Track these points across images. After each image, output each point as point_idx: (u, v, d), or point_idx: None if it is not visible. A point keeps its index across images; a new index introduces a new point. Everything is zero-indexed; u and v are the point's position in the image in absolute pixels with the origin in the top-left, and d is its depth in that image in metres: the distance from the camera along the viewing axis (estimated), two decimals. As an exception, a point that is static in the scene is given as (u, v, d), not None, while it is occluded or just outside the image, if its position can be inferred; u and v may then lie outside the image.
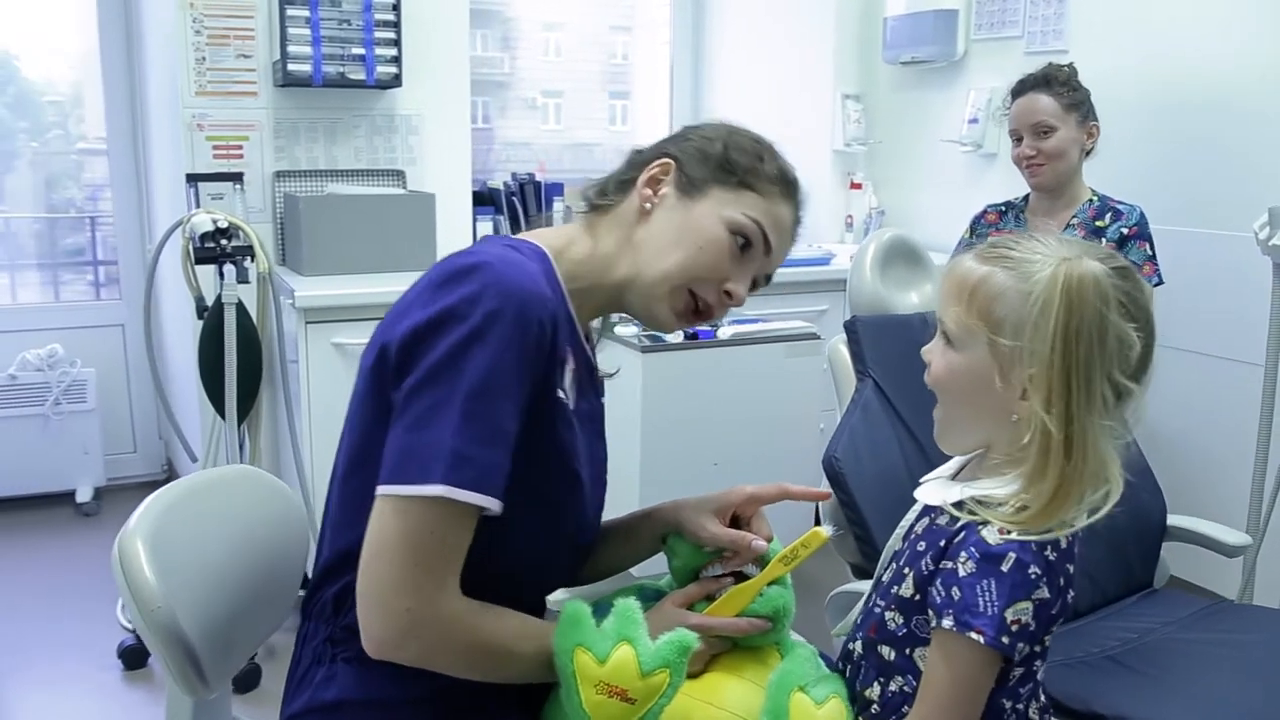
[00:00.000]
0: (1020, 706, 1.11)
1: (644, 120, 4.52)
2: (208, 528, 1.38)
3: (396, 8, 3.09)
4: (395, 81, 3.14)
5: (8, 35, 3.74)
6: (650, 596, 1.32)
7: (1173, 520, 1.97)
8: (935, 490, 1.16)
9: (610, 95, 4.53)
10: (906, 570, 1.13)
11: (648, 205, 1.24)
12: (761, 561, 1.31)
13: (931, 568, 1.09)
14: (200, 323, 2.67)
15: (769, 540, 1.28)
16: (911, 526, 1.19)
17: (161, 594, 1.21)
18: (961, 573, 1.04)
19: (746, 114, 4.15)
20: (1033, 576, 1.01)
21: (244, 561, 1.40)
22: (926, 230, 3.69)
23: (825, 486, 1.83)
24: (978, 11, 3.51)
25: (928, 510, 1.17)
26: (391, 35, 3.10)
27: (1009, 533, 1.03)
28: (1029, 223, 2.63)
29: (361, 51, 3.07)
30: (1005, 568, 1.02)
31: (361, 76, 3.09)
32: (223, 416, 2.66)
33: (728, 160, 1.23)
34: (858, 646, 1.19)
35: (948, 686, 1.05)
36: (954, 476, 1.18)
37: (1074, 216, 2.56)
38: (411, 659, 1.08)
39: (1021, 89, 2.54)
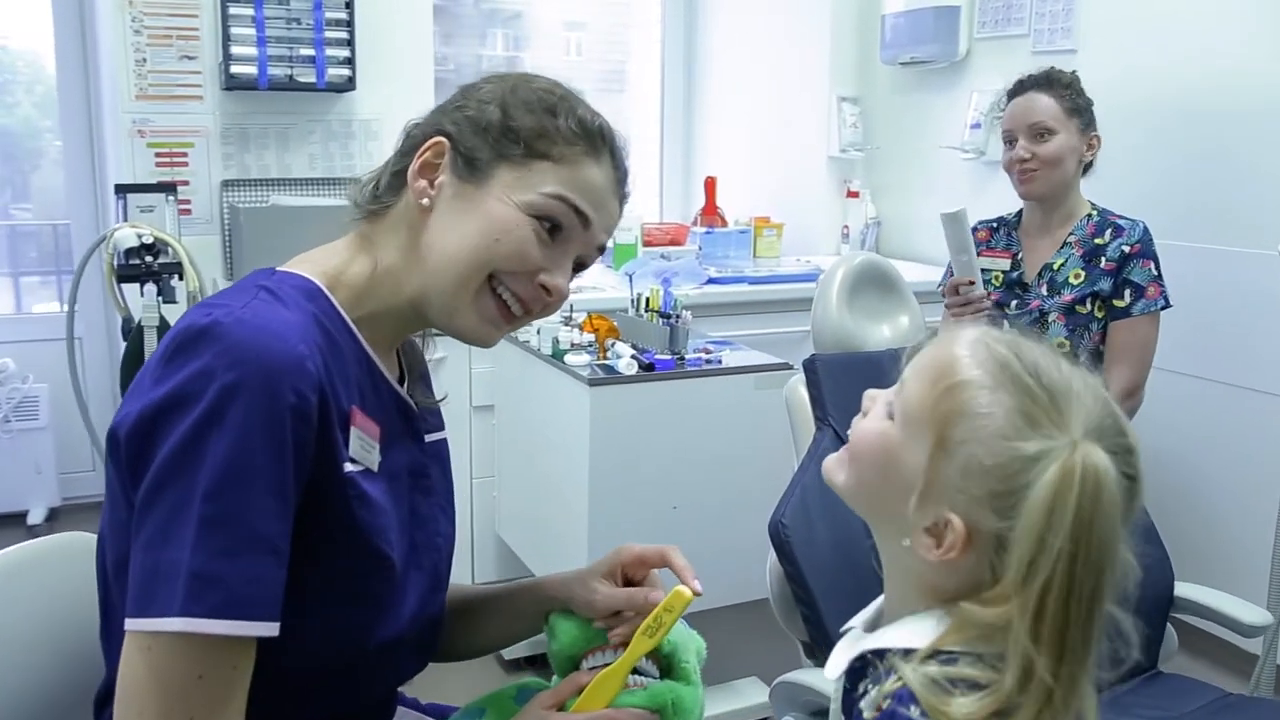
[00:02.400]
0: None
1: (636, 124, 4.31)
2: (15, 618, 1.17)
3: (349, 6, 2.89)
4: (349, 84, 2.94)
5: (35, 34, 3.58)
6: (529, 697, 1.12)
7: (1181, 590, 1.72)
8: (841, 652, 0.93)
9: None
10: None
11: (425, 200, 1.00)
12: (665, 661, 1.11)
13: None
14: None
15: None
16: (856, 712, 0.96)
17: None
18: None
19: (739, 116, 3.95)
20: None
21: (62, 658, 1.19)
22: (926, 243, 3.46)
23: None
24: (981, 8, 3.27)
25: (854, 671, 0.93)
26: (344, 35, 2.90)
27: (888, 700, 0.80)
28: (1022, 241, 2.39)
29: (311, 52, 2.87)
30: None
31: (311, 79, 2.88)
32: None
33: (508, 128, 1.00)
34: None
35: None
36: (873, 627, 0.94)
37: (1071, 234, 2.32)
38: None
39: (1020, 89, 2.31)
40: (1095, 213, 2.33)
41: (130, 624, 0.85)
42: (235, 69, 2.80)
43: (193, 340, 0.87)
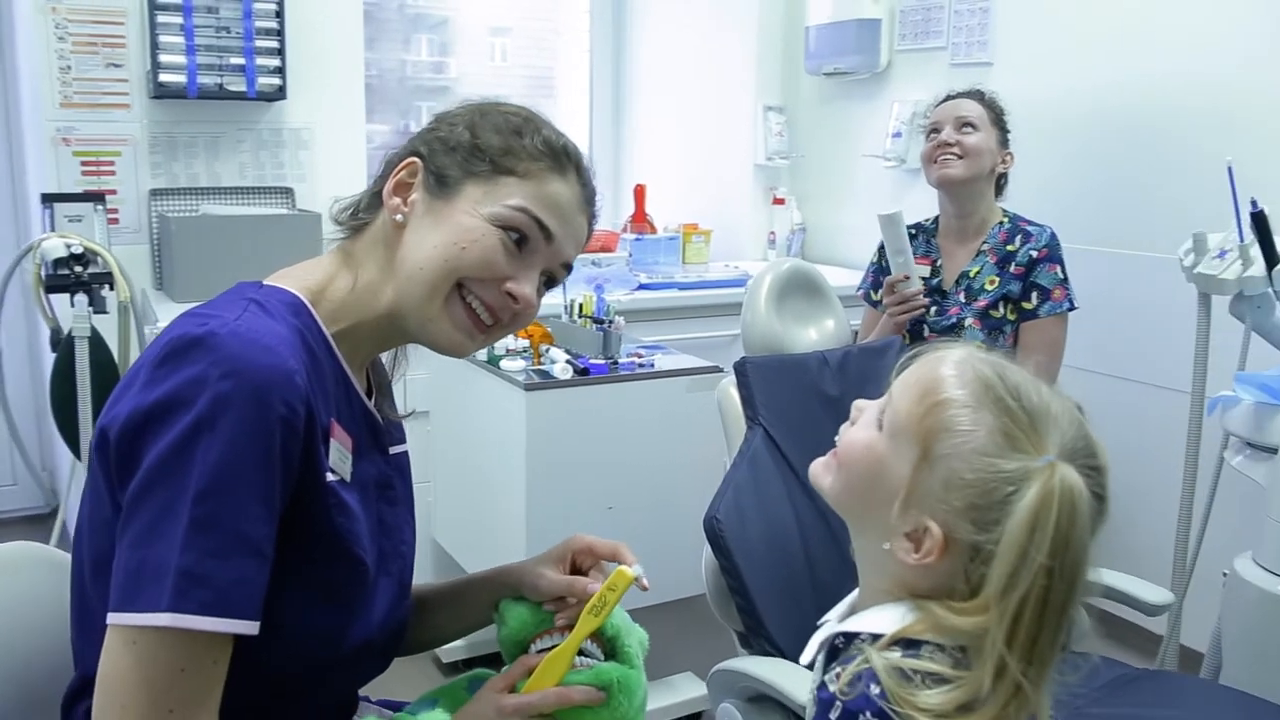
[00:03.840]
0: None
1: (565, 132, 4.34)
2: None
3: (280, 15, 2.88)
4: (279, 93, 2.93)
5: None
6: (478, 688, 1.16)
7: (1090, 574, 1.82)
8: (815, 641, 1.00)
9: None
10: None
11: (399, 216, 1.06)
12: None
13: None
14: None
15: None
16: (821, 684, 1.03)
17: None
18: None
19: (667, 125, 4.00)
20: None
21: (16, 664, 1.20)
22: (850, 248, 3.57)
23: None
24: (901, 22, 3.38)
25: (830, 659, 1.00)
26: (274, 44, 2.89)
27: (850, 679, 0.87)
28: (941, 247, 2.49)
29: (241, 61, 2.86)
30: (834, 716, 0.87)
31: (242, 88, 2.87)
32: (79, 457, 2.45)
33: (476, 146, 1.06)
34: None
35: None
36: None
37: (985, 242, 2.43)
38: None
39: (950, 96, 2.48)
40: (1007, 220, 2.44)
41: (115, 618, 0.88)
42: (164, 77, 2.78)
43: (187, 348, 0.90)
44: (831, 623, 1.02)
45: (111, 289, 2.45)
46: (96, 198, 2.63)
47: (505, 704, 1.07)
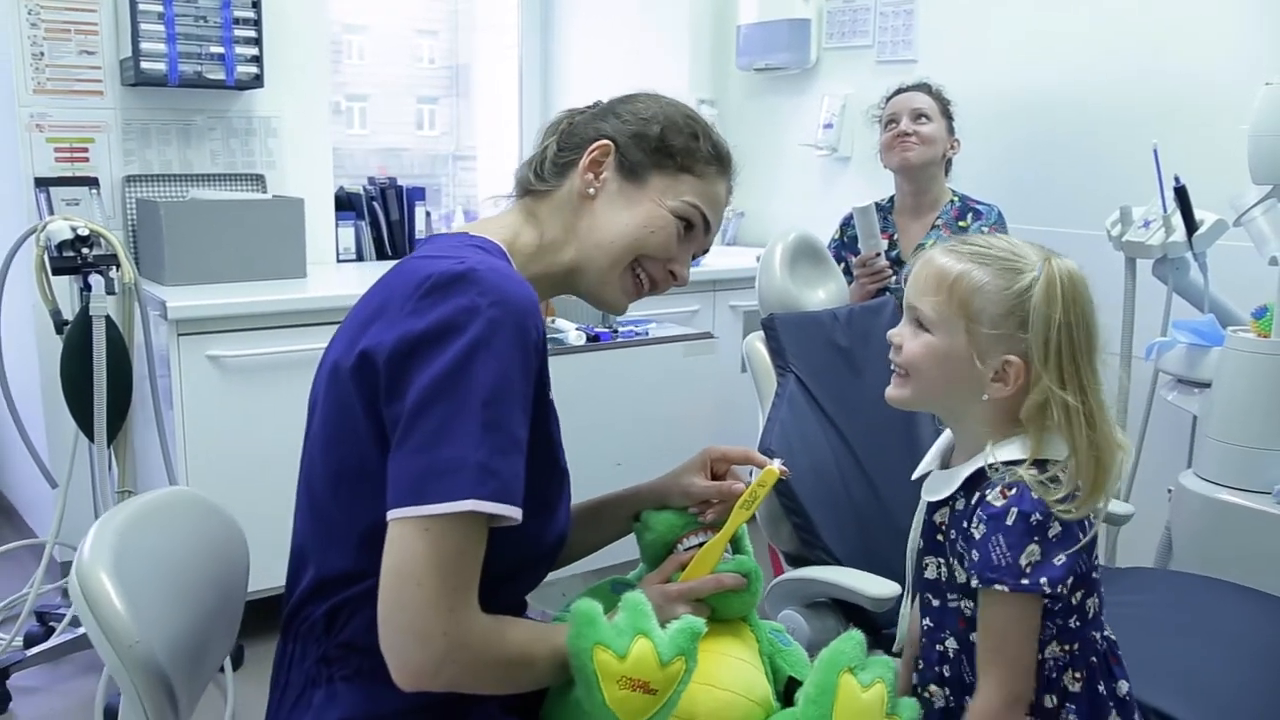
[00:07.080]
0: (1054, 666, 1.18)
1: (486, 125, 4.49)
2: (161, 553, 1.29)
3: (257, 5, 2.96)
4: (256, 82, 3.01)
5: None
6: (621, 590, 1.33)
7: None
8: (941, 482, 1.23)
9: (417, 100, 4.46)
10: (953, 560, 1.21)
11: (590, 190, 1.25)
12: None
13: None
14: (59, 338, 2.48)
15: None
16: (928, 521, 1.26)
17: (137, 628, 1.13)
18: (976, 536, 1.14)
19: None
20: (1034, 523, 1.11)
21: (200, 583, 1.33)
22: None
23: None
24: (829, 21, 3.66)
25: (937, 505, 1.24)
26: (252, 34, 2.97)
27: (1012, 489, 1.13)
28: (897, 224, 2.78)
29: (220, 50, 2.93)
30: (1010, 522, 1.11)
31: (221, 76, 2.94)
32: (90, 438, 2.49)
33: (665, 144, 1.25)
34: (951, 643, 1.23)
35: (996, 637, 1.14)
36: (944, 466, 1.26)
37: (938, 218, 2.72)
38: (446, 684, 1.05)
39: (901, 89, 2.75)
40: (956, 198, 2.75)
41: (405, 512, 1.01)
42: (145, 65, 2.82)
43: (451, 282, 1.06)
44: (934, 470, 1.27)
45: (116, 270, 2.50)
46: (91, 181, 2.66)
47: (670, 590, 1.26)
